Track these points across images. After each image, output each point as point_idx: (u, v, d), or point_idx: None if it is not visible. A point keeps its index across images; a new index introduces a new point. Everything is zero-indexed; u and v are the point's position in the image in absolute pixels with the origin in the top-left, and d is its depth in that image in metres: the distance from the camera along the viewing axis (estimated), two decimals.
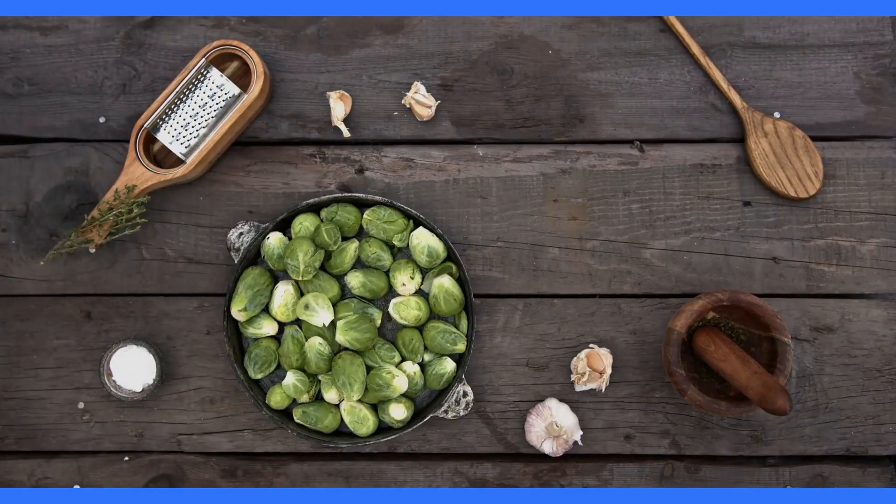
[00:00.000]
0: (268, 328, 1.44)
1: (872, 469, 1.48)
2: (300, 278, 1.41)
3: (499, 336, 1.49)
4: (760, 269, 1.49)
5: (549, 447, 1.45)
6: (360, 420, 1.43)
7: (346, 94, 1.49)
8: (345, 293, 1.47)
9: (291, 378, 1.42)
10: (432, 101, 1.49)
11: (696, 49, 1.50)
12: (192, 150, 1.45)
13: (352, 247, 1.44)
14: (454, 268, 1.44)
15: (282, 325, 1.46)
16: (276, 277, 1.46)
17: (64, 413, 1.49)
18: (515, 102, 1.51)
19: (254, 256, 1.46)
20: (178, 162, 1.46)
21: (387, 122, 1.51)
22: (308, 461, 1.48)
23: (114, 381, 1.44)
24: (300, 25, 1.52)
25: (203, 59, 1.44)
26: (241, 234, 1.45)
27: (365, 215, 1.44)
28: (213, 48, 1.44)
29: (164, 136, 1.45)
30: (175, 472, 1.48)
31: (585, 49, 1.51)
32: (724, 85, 1.49)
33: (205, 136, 1.45)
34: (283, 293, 1.43)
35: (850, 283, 1.48)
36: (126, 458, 1.48)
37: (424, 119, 1.50)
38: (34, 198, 1.49)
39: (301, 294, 1.44)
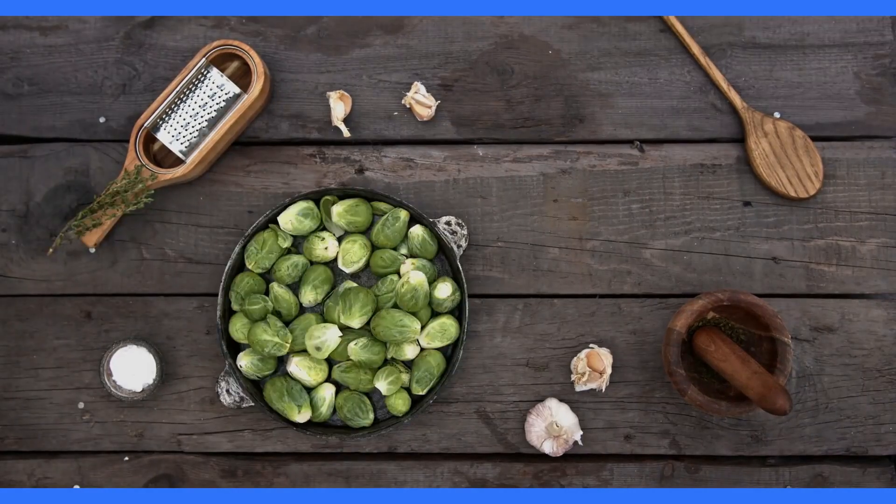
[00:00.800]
0: (328, 392, 1.44)
1: (872, 469, 1.48)
2: (289, 346, 1.42)
3: (499, 336, 1.49)
4: (760, 269, 1.49)
5: (549, 447, 1.44)
6: (443, 329, 1.43)
7: (346, 94, 1.49)
8: (318, 308, 1.47)
9: (383, 382, 1.43)
10: (432, 101, 1.49)
11: (696, 49, 1.50)
12: (191, 149, 1.45)
13: (274, 287, 1.44)
14: (330, 197, 1.45)
15: (330, 379, 1.46)
16: (283, 370, 1.46)
17: (64, 413, 1.49)
18: (515, 102, 1.51)
19: (255, 381, 1.46)
20: (178, 162, 1.46)
21: (387, 122, 1.51)
22: (308, 461, 1.48)
23: (114, 381, 1.44)
24: (300, 25, 1.52)
25: (203, 59, 1.44)
26: (228, 389, 1.44)
27: (249, 266, 1.44)
28: (213, 48, 1.44)
29: (164, 136, 1.45)
30: (175, 472, 1.48)
31: (585, 49, 1.51)
32: (724, 85, 1.49)
33: (205, 135, 1.44)
34: (299, 365, 1.43)
35: (850, 283, 1.48)
36: (126, 458, 1.48)
37: (424, 119, 1.50)
38: (34, 198, 1.49)
39: (305, 351, 1.45)
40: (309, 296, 1.44)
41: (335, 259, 1.47)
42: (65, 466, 1.48)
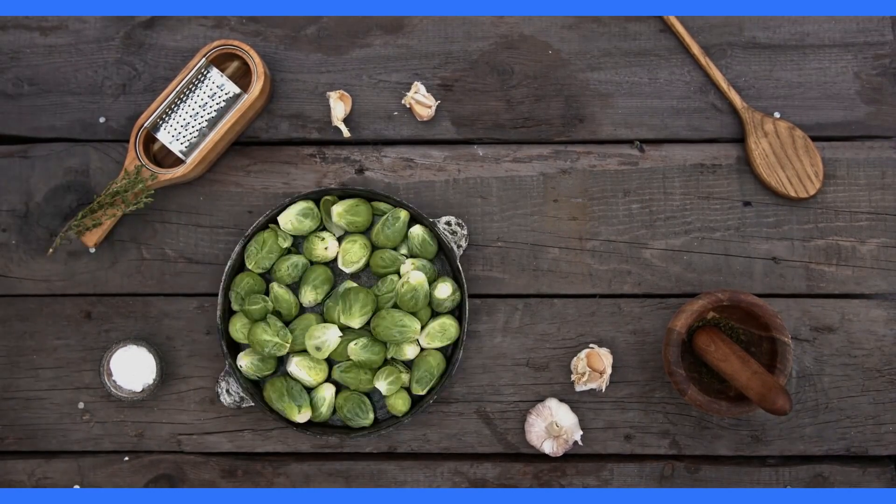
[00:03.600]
0: (328, 392, 1.44)
1: (872, 469, 1.48)
2: (289, 346, 1.42)
3: (499, 336, 1.49)
4: (760, 269, 1.49)
5: (549, 447, 1.44)
6: (443, 329, 1.44)
7: (346, 94, 1.49)
8: (318, 308, 1.47)
9: (383, 382, 1.43)
10: (432, 101, 1.49)
11: (696, 49, 1.50)
12: (192, 149, 1.45)
13: (274, 287, 1.44)
14: (330, 197, 1.45)
15: (330, 379, 1.46)
16: (283, 371, 1.45)
17: (64, 413, 1.49)
18: (515, 102, 1.51)
19: (255, 382, 1.46)
20: (178, 162, 1.46)
21: (387, 122, 1.51)
22: (308, 461, 1.48)
23: (114, 381, 1.44)
24: (300, 25, 1.52)
25: (203, 59, 1.44)
26: (227, 389, 1.44)
27: (249, 266, 1.44)
28: (213, 48, 1.44)
29: (164, 136, 1.45)
30: (175, 472, 1.48)
31: (585, 49, 1.51)
32: (724, 85, 1.49)
33: (205, 135, 1.45)
34: (299, 366, 1.43)
35: (850, 283, 1.48)
36: (126, 458, 1.48)
37: (424, 119, 1.50)
38: (34, 198, 1.49)
39: (305, 351, 1.45)
40: (309, 296, 1.44)
41: (335, 259, 1.47)
42: (65, 466, 1.48)
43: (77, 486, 1.48)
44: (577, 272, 1.49)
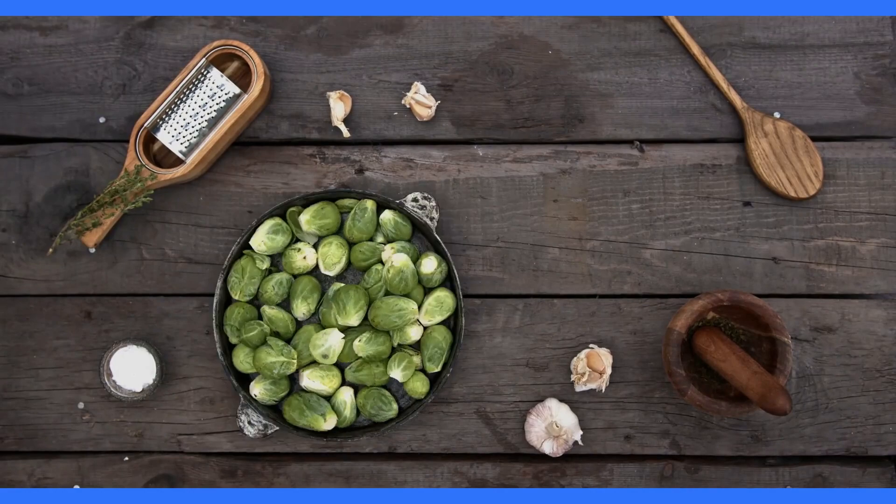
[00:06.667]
0: (347, 395, 1.44)
1: (872, 469, 1.48)
2: (297, 362, 1.42)
3: (499, 336, 1.49)
4: (760, 269, 1.49)
5: (549, 447, 1.45)
6: (440, 302, 1.43)
7: (346, 94, 1.49)
8: (314, 318, 1.47)
9: (398, 370, 1.43)
10: (432, 101, 1.49)
11: (696, 49, 1.50)
12: (192, 149, 1.45)
13: (266, 310, 1.44)
14: (295, 208, 1.44)
15: (345, 382, 1.47)
16: (298, 388, 1.46)
17: (64, 413, 1.49)
18: (515, 102, 1.51)
19: (274, 406, 1.46)
20: (178, 162, 1.46)
21: (387, 122, 1.51)
22: (308, 461, 1.48)
23: (114, 381, 1.44)
24: (300, 25, 1.52)
25: (203, 59, 1.44)
26: (249, 420, 1.44)
27: (236, 296, 1.44)
28: (213, 48, 1.44)
29: (164, 136, 1.45)
30: (175, 472, 1.48)
31: (585, 49, 1.51)
32: (724, 85, 1.49)
33: (205, 136, 1.45)
34: (312, 377, 1.43)
35: (850, 283, 1.48)
36: (126, 458, 1.48)
37: (424, 119, 1.50)
38: (34, 198, 1.49)
39: (314, 363, 1.45)
40: (301, 308, 1.44)
41: (316, 267, 1.46)
42: (65, 466, 1.48)
43: (77, 486, 1.48)
44: (576, 272, 1.49)
